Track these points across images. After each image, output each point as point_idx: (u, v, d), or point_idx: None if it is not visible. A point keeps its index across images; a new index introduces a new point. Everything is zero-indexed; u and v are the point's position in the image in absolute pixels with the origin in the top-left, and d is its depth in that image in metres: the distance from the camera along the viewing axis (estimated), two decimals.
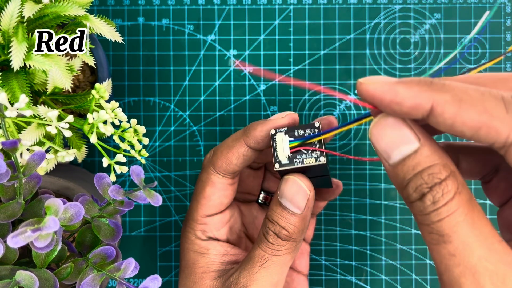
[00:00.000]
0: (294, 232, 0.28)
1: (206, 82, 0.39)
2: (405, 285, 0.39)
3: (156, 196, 0.25)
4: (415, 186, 0.21)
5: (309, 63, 0.39)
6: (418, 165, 0.21)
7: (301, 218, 0.28)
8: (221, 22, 0.39)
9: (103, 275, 0.25)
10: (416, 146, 0.21)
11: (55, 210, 0.22)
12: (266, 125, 0.28)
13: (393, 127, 0.21)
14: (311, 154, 0.28)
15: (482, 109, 0.19)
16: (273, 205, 0.28)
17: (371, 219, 0.39)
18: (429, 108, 0.20)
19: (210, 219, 0.31)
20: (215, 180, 0.30)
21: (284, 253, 0.28)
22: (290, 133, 0.28)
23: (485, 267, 0.20)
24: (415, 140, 0.21)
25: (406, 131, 0.21)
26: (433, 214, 0.20)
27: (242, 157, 0.29)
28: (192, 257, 0.31)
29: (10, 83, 0.27)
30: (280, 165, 0.27)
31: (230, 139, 0.30)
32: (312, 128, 0.28)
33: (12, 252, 0.24)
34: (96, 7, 0.39)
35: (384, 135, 0.22)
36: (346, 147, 0.39)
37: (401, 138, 0.21)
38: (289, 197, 0.27)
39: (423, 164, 0.21)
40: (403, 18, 0.39)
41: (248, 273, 0.28)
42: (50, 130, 0.25)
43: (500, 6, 0.39)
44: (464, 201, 0.20)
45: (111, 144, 0.38)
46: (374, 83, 0.21)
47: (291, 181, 0.27)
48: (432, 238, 0.21)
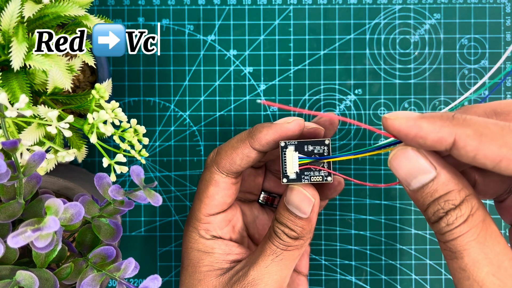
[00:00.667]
0: (302, 233, 0.29)
1: (206, 82, 0.39)
2: (405, 285, 0.39)
3: (156, 196, 0.25)
4: (433, 211, 0.23)
5: (309, 63, 0.39)
6: (435, 192, 0.23)
7: (308, 221, 0.29)
8: (221, 22, 0.39)
9: (103, 275, 0.25)
10: (433, 175, 0.23)
11: (55, 210, 0.22)
12: (272, 128, 0.29)
13: (410, 159, 0.23)
14: (319, 172, 0.28)
15: (502, 143, 0.21)
16: (280, 209, 0.29)
17: (371, 219, 0.39)
18: (452, 141, 0.22)
19: (214, 218, 0.31)
20: (219, 179, 0.31)
21: (293, 248, 0.29)
22: (300, 148, 0.28)
23: (492, 282, 0.22)
24: (432, 169, 0.23)
25: (423, 161, 0.23)
26: (447, 234, 0.23)
27: (246, 158, 0.30)
28: (196, 256, 0.31)
29: (10, 83, 0.27)
30: (288, 180, 0.28)
31: (234, 139, 0.30)
32: (322, 145, 0.28)
33: (12, 252, 0.24)
34: (96, 7, 0.39)
35: (403, 166, 0.24)
36: (346, 147, 0.39)
37: (418, 168, 0.23)
38: (295, 204, 0.28)
39: (440, 191, 0.23)
40: (403, 18, 0.39)
41: (259, 267, 0.29)
42: (50, 130, 0.25)
43: (500, 6, 0.39)
44: (477, 222, 0.22)
45: (111, 144, 0.38)
46: (399, 119, 0.23)
47: (296, 191, 0.28)
48: (447, 253, 0.23)
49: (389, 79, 0.39)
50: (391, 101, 0.39)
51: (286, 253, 0.29)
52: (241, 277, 0.29)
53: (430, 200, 0.23)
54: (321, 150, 0.28)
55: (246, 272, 0.29)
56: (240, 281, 0.29)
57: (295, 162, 0.28)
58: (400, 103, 0.39)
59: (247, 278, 0.29)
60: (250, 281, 0.29)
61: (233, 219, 0.33)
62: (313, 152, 0.28)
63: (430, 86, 0.39)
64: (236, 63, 0.39)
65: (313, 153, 0.28)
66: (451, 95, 0.39)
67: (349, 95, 0.39)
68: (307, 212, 0.28)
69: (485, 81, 0.39)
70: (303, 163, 0.28)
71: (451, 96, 0.39)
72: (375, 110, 0.39)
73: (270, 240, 0.29)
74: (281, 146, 0.28)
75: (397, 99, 0.39)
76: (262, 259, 0.29)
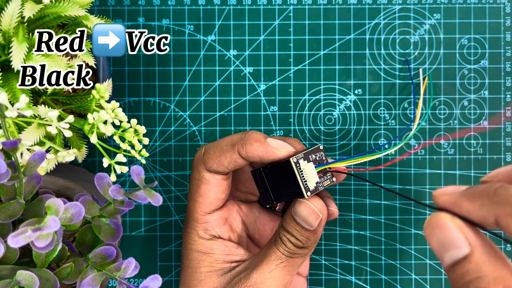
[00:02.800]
0: (307, 243, 0.29)
1: (206, 82, 0.39)
2: (405, 285, 0.39)
3: (156, 196, 0.25)
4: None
5: (309, 63, 0.39)
6: (467, 275, 0.20)
7: (314, 233, 0.29)
8: (221, 22, 0.39)
9: (103, 275, 0.25)
10: (466, 251, 0.21)
11: (56, 210, 0.22)
12: (264, 148, 0.29)
13: (442, 228, 0.21)
14: (326, 176, 0.29)
15: None
16: (287, 218, 0.29)
17: (371, 219, 0.40)
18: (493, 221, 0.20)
19: (211, 217, 0.31)
20: (208, 177, 0.31)
21: (298, 256, 0.29)
22: (307, 159, 0.29)
23: None
24: (466, 245, 0.21)
25: (457, 233, 0.21)
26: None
27: (233, 162, 0.30)
28: (196, 257, 0.31)
29: (10, 83, 0.27)
30: (311, 192, 0.28)
31: (224, 141, 0.30)
32: (319, 152, 0.30)
33: (13, 252, 0.24)
34: (96, 7, 0.39)
35: (435, 235, 0.22)
36: (346, 147, 0.39)
37: (450, 241, 0.21)
38: (303, 217, 0.29)
39: (472, 274, 0.20)
40: (403, 19, 0.39)
41: (263, 271, 0.29)
42: (51, 130, 0.25)
43: (500, 6, 0.39)
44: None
45: (112, 144, 0.38)
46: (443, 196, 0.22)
47: (305, 205, 0.29)
48: None
49: (389, 79, 0.39)
50: (391, 101, 0.39)
51: (291, 260, 0.29)
52: (243, 278, 0.29)
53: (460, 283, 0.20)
54: (321, 156, 0.30)
55: (249, 274, 0.29)
56: (242, 283, 0.29)
57: (314, 173, 0.28)
58: (400, 103, 0.39)
59: (249, 280, 0.29)
60: (252, 283, 0.29)
61: (229, 217, 0.33)
62: (317, 160, 0.29)
63: (430, 86, 0.39)
64: (236, 63, 0.39)
65: (317, 160, 0.29)
66: (451, 95, 0.39)
67: (349, 95, 0.39)
68: (314, 225, 0.29)
69: (485, 81, 0.39)
70: (319, 170, 0.29)
71: (451, 96, 0.39)
72: (375, 110, 0.39)
73: (276, 245, 0.29)
74: (294, 162, 0.28)
75: (397, 99, 0.39)
76: (266, 263, 0.29)
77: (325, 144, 0.39)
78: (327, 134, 0.39)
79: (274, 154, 0.29)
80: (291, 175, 0.28)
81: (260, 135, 0.30)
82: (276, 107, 0.39)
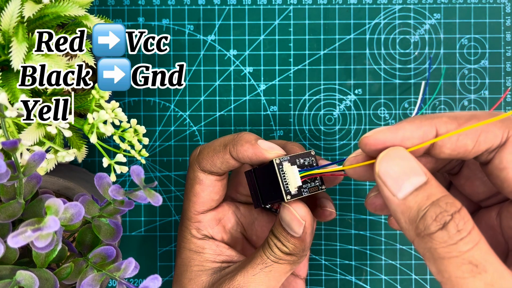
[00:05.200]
0: (294, 250, 0.29)
1: (206, 82, 0.39)
2: (405, 285, 0.39)
3: (156, 196, 0.25)
4: (434, 214, 0.20)
5: (309, 63, 0.39)
6: (432, 195, 0.21)
7: (300, 240, 0.28)
8: (221, 22, 0.39)
9: (103, 275, 0.25)
10: (425, 178, 0.22)
11: (55, 210, 0.22)
12: (254, 149, 0.29)
13: (404, 158, 0.22)
14: (314, 182, 0.29)
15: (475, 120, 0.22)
16: (276, 223, 0.29)
17: (371, 219, 0.39)
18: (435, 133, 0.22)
19: (204, 217, 0.32)
20: (202, 177, 0.31)
21: (284, 262, 0.29)
22: (292, 162, 0.28)
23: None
24: (423, 173, 0.22)
25: (415, 163, 0.22)
26: (462, 244, 0.20)
27: (226, 163, 0.30)
28: (188, 255, 0.31)
29: (10, 83, 0.27)
30: (291, 196, 0.28)
31: (218, 142, 0.30)
32: (309, 157, 0.29)
33: (13, 252, 0.24)
34: (96, 7, 0.39)
35: (395, 166, 0.22)
36: (346, 147, 0.39)
37: (410, 169, 0.22)
38: (286, 223, 0.28)
39: (437, 194, 0.21)
40: (403, 18, 0.39)
41: (247, 273, 0.29)
42: (50, 130, 0.25)
43: (500, 6, 0.39)
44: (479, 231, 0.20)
45: (111, 144, 0.38)
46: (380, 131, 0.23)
47: (286, 209, 0.28)
48: (465, 270, 0.20)
49: (389, 79, 0.39)
50: (391, 101, 0.39)
51: (277, 265, 0.29)
52: (228, 280, 0.29)
53: (428, 204, 0.21)
54: (310, 161, 0.29)
55: (233, 276, 0.29)
56: (225, 284, 0.29)
57: (297, 177, 0.28)
58: (400, 103, 0.39)
59: (233, 282, 0.29)
60: (235, 285, 0.29)
61: (223, 218, 0.33)
62: (305, 164, 0.29)
63: (430, 86, 0.39)
64: (236, 63, 0.39)
65: (305, 165, 0.29)
66: (451, 95, 0.39)
67: (349, 95, 0.39)
68: (297, 232, 0.28)
69: (486, 81, 0.39)
70: (304, 175, 0.28)
71: (451, 96, 0.39)
72: (375, 110, 0.39)
73: (263, 249, 0.29)
74: (277, 163, 0.28)
75: (397, 99, 0.39)
76: (251, 266, 0.29)
77: (325, 144, 0.39)
78: (327, 134, 0.39)
79: (263, 155, 0.28)
80: (274, 176, 0.28)
81: (251, 136, 0.29)
82: (276, 107, 0.39)
